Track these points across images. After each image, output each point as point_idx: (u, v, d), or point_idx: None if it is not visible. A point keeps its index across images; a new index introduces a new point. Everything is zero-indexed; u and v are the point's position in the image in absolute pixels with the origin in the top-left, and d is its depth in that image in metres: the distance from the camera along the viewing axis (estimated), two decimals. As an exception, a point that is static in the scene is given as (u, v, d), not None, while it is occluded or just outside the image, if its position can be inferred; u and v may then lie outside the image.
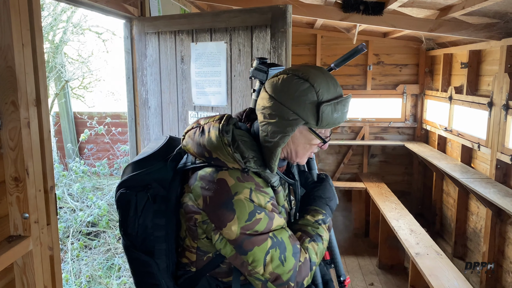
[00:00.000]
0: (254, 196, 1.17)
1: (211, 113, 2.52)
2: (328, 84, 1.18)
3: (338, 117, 1.19)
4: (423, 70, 5.51)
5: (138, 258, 1.29)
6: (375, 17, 3.68)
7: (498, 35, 3.50)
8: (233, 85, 2.40)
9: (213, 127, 1.20)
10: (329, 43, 5.61)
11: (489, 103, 3.71)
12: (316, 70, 1.21)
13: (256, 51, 2.27)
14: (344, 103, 1.20)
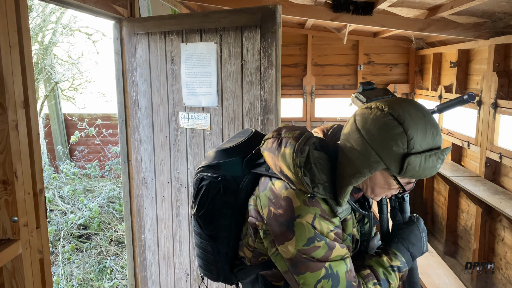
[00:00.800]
0: (317, 222, 1.13)
1: (202, 114, 2.51)
2: (426, 132, 1.03)
3: (426, 171, 1.04)
4: (413, 69, 5.55)
5: (204, 239, 1.37)
6: (365, 17, 3.70)
7: (486, 34, 3.53)
8: (223, 85, 2.40)
9: (290, 144, 1.17)
10: (320, 43, 5.62)
11: (478, 101, 3.75)
12: (416, 111, 1.05)
13: (246, 52, 2.27)
14: (440, 155, 1.05)
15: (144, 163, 2.83)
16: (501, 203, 3.14)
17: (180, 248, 2.79)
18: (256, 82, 2.27)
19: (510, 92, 3.45)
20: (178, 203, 2.74)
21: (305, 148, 1.15)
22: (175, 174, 2.71)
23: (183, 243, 2.77)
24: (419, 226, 1.30)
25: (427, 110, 1.08)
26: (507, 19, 3.18)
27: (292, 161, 1.14)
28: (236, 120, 2.39)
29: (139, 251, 3.01)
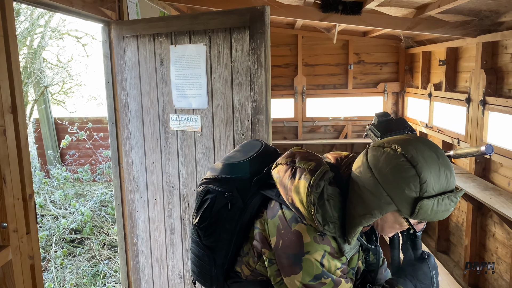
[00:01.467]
0: (325, 260, 1.13)
1: (192, 116, 2.51)
2: (439, 175, 1.01)
3: (438, 214, 1.03)
4: (403, 68, 5.59)
5: (201, 249, 1.36)
6: (354, 17, 3.72)
7: (473, 32, 3.57)
8: (213, 87, 2.40)
9: (305, 177, 1.13)
10: (310, 43, 5.64)
11: (467, 99, 3.79)
12: (430, 152, 1.03)
13: (236, 53, 2.27)
14: (452, 198, 1.03)
15: (135, 166, 2.82)
16: (491, 199, 3.17)
17: (173, 251, 2.78)
18: (246, 83, 2.27)
19: (498, 89, 3.49)
20: (170, 206, 2.73)
21: (321, 183, 1.12)
22: (166, 177, 2.71)
23: (175, 245, 2.76)
24: (429, 263, 1.29)
25: (442, 152, 1.06)
26: (493, 17, 3.22)
27: (307, 196, 1.11)
28: (226, 122, 2.39)
29: (132, 255, 3.00)
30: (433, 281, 1.27)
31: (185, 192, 2.64)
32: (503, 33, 3.24)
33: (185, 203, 2.64)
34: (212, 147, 2.47)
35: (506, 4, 2.91)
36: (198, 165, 2.55)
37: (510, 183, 3.31)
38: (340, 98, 5.77)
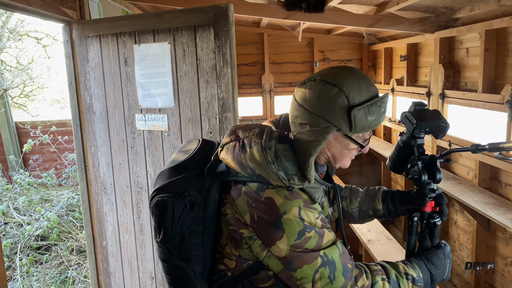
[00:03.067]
0: (303, 214, 1.14)
1: (159, 115, 2.50)
2: (360, 85, 1.11)
3: (373, 120, 1.11)
4: (366, 64, 5.73)
5: (175, 265, 1.29)
6: (317, 15, 3.79)
7: (431, 28, 3.71)
8: (179, 85, 2.39)
9: (255, 143, 1.16)
10: (276, 41, 5.70)
11: (427, 92, 3.93)
12: (345, 71, 1.14)
13: (201, 51, 2.27)
14: (380, 103, 1.11)
15: (102, 168, 2.77)
16: (452, 188, 3.32)
17: (143, 252, 2.76)
18: (212, 81, 2.27)
19: (455, 83, 3.64)
20: (139, 207, 2.70)
21: (272, 143, 1.15)
22: (134, 178, 2.68)
23: (146, 246, 2.74)
24: (445, 251, 1.32)
25: (355, 69, 1.15)
26: (449, 13, 3.36)
27: (264, 159, 1.13)
28: (194, 120, 2.39)
29: (101, 258, 2.95)
30: (446, 269, 1.31)
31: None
32: (458, 28, 3.38)
33: None
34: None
35: (460, 1, 3.05)
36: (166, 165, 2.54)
37: (469, 172, 3.47)
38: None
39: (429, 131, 1.33)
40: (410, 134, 1.35)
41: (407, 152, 1.38)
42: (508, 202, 2.93)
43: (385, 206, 1.46)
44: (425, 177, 1.33)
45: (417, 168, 1.34)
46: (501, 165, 2.91)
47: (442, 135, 1.36)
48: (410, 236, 1.40)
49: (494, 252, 3.20)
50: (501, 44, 3.03)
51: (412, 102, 1.38)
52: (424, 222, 1.38)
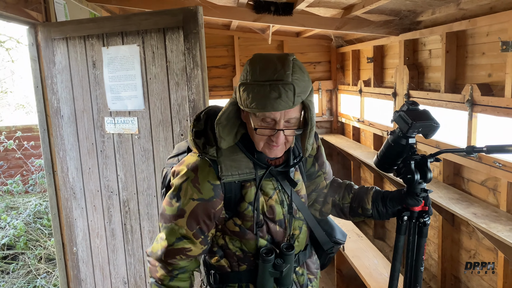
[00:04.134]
0: (184, 185, 1.26)
1: (128, 118, 2.48)
2: (259, 67, 1.14)
3: (254, 103, 1.12)
4: (335, 66, 5.85)
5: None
6: (286, 18, 3.85)
7: (395, 31, 3.83)
8: (149, 88, 2.38)
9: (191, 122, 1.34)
10: (247, 44, 5.73)
11: (393, 93, 4.06)
12: (261, 55, 1.20)
13: (171, 53, 2.28)
14: (259, 90, 1.12)
15: (71, 172, 2.72)
16: (418, 184, 3.43)
17: (115, 257, 2.72)
18: (183, 83, 2.28)
19: (419, 83, 3.77)
20: (110, 212, 2.67)
21: (201, 115, 1.30)
22: (104, 182, 2.64)
23: (118, 251, 2.71)
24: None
25: (283, 54, 1.20)
26: (412, 16, 3.48)
27: (190, 131, 1.30)
28: (165, 122, 2.39)
29: (71, 265, 2.89)
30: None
31: (125, 197, 2.60)
32: (421, 31, 3.51)
33: (125, 208, 2.60)
34: (151, 149, 2.45)
35: (422, 5, 3.17)
36: (137, 168, 2.52)
37: (434, 169, 3.60)
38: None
39: (421, 130, 1.35)
40: (403, 133, 1.34)
41: (397, 151, 1.39)
42: (470, 197, 3.06)
43: (374, 207, 1.45)
44: (417, 176, 1.34)
45: (410, 167, 1.35)
46: (463, 162, 3.04)
47: (431, 135, 1.37)
48: (398, 235, 1.42)
49: (459, 246, 3.33)
50: (461, 46, 3.17)
51: (405, 102, 1.39)
52: (413, 221, 1.40)
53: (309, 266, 1.53)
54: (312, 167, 1.51)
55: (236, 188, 1.30)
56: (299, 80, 1.13)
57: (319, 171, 1.53)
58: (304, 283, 1.49)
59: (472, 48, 3.04)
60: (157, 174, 2.45)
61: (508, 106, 2.54)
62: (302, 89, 1.14)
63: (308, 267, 1.53)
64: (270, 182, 1.34)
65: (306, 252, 1.50)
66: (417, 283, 1.45)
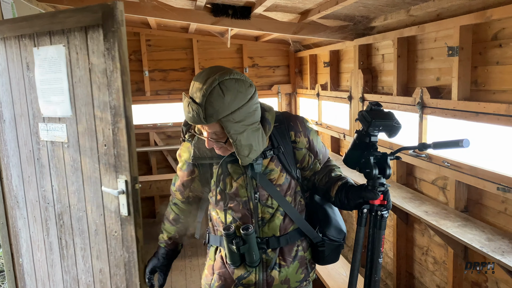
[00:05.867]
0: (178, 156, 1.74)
1: (58, 125, 2.24)
2: (194, 82, 1.37)
3: (185, 113, 1.39)
4: (293, 70, 5.93)
5: None
6: (244, 21, 3.86)
7: (350, 36, 3.93)
8: (75, 92, 2.12)
9: None
10: (206, 47, 5.71)
11: (349, 96, 4.16)
12: (206, 71, 1.39)
13: (93, 54, 2.01)
14: (185, 103, 1.37)
15: (14, 180, 2.55)
16: (373, 185, 3.52)
17: (54, 273, 2.51)
18: (104, 87, 1.99)
19: (373, 87, 3.89)
20: (48, 224, 2.44)
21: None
22: (42, 192, 2.43)
23: (55, 267, 2.49)
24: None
25: (220, 67, 1.40)
26: (365, 22, 3.59)
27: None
28: (89, 131, 2.11)
29: (19, 276, 2.74)
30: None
31: (59, 209, 2.35)
32: (374, 36, 3.62)
33: (60, 221, 2.37)
34: (79, 160, 2.18)
35: (374, 11, 3.27)
36: (68, 180, 2.26)
37: (388, 170, 3.70)
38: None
39: (382, 129, 1.46)
40: (365, 131, 1.47)
41: (361, 148, 1.51)
42: (422, 196, 3.18)
43: (337, 197, 1.59)
44: (375, 171, 1.46)
45: (369, 163, 1.47)
46: (415, 162, 3.15)
47: (394, 135, 1.49)
48: (359, 227, 1.55)
49: (412, 243, 3.45)
50: (411, 50, 3.29)
51: (369, 102, 1.51)
52: (373, 214, 1.51)
53: (284, 253, 1.64)
54: (308, 158, 1.65)
55: (208, 167, 1.61)
56: (214, 102, 1.31)
57: (315, 160, 1.68)
58: (270, 265, 1.62)
59: (421, 53, 3.17)
60: (86, 187, 2.16)
61: (455, 108, 2.66)
62: (216, 111, 1.32)
63: (282, 253, 1.64)
64: (238, 167, 1.55)
65: (281, 239, 1.62)
66: (375, 274, 1.55)
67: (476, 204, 2.71)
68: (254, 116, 1.41)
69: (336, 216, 1.75)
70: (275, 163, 1.57)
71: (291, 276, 1.65)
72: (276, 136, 1.57)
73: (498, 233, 2.40)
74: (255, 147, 1.42)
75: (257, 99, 1.44)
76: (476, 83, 2.61)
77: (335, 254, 1.73)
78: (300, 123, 1.62)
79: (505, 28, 2.37)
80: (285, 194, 1.60)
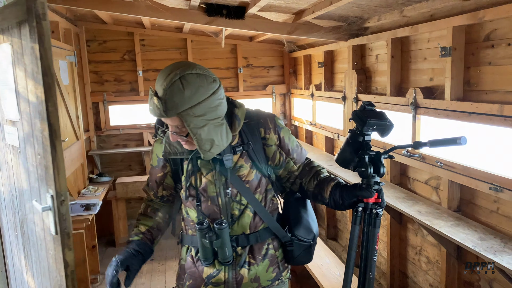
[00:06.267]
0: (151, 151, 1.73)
1: (13, 128, 2.07)
2: (159, 77, 1.40)
3: (148, 108, 1.43)
4: (287, 71, 5.94)
5: None
6: (238, 21, 3.86)
7: (344, 36, 3.95)
8: (19, 94, 1.94)
9: None
10: (200, 47, 5.70)
11: (343, 97, 4.17)
12: (171, 66, 1.42)
13: (25, 53, 1.81)
14: (149, 97, 1.40)
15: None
16: (367, 185, 3.53)
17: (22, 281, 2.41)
18: (33, 88, 1.76)
19: (367, 87, 3.91)
20: (16, 230, 2.32)
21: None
22: (11, 197, 2.31)
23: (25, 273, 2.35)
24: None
25: (180, 62, 1.43)
26: (359, 22, 3.60)
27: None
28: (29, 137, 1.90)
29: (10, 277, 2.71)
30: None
31: (20, 217, 2.19)
32: (368, 37, 3.64)
33: (22, 229, 2.21)
34: (27, 167, 2.02)
35: (368, 11, 3.29)
36: (23, 188, 2.10)
37: (382, 170, 3.72)
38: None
39: (376, 128, 1.48)
40: (360, 130, 1.49)
41: (354, 147, 1.52)
42: (415, 195, 3.20)
43: (331, 197, 1.58)
44: (371, 170, 1.48)
45: (364, 161, 1.48)
46: (408, 162, 3.17)
47: (386, 134, 1.51)
48: (354, 225, 1.55)
49: (406, 243, 3.47)
50: (405, 51, 3.31)
51: (363, 102, 1.53)
52: (367, 212, 1.52)
53: (254, 251, 1.64)
54: (279, 156, 1.64)
55: (179, 163, 1.63)
56: (173, 96, 1.34)
57: (287, 158, 1.66)
58: (239, 263, 1.61)
59: (415, 54, 3.19)
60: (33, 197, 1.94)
61: (448, 109, 2.68)
62: (175, 105, 1.34)
63: (252, 251, 1.64)
64: (208, 163, 1.56)
65: (251, 237, 1.62)
66: (370, 272, 1.57)
67: (469, 203, 2.73)
68: (217, 111, 1.41)
69: (308, 217, 1.74)
70: (245, 159, 1.58)
71: (261, 274, 1.65)
72: (246, 132, 1.58)
73: (490, 233, 2.42)
74: (217, 142, 1.43)
75: (221, 94, 1.43)
76: (468, 84, 2.64)
77: (307, 255, 1.72)
78: (270, 120, 1.62)
79: (497, 29, 2.40)
80: (254, 191, 1.60)
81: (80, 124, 4.69)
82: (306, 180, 1.68)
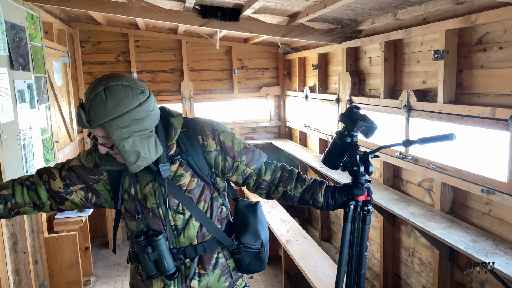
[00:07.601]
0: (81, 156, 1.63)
1: None
2: (88, 91, 1.38)
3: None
4: (282, 73, 5.96)
5: None
6: (233, 23, 3.86)
7: (338, 39, 3.96)
8: None
9: None
10: (194, 48, 5.70)
11: (337, 99, 4.19)
12: (101, 77, 1.40)
13: None
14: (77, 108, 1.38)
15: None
16: (361, 187, 3.55)
17: None
18: None
19: (361, 89, 3.93)
20: None
21: None
22: None
23: None
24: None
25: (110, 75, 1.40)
26: (353, 25, 3.62)
27: None
28: None
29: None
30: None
31: None
32: (362, 39, 3.66)
33: None
34: None
35: (362, 14, 3.30)
36: None
37: (375, 172, 3.74)
38: (227, 102, 5.93)
39: (363, 130, 1.55)
40: (349, 131, 1.55)
41: (342, 148, 1.59)
42: (408, 197, 3.21)
43: (325, 199, 1.62)
44: (362, 168, 1.54)
45: (355, 161, 1.55)
46: (402, 164, 3.19)
47: (371, 135, 1.58)
48: (345, 223, 1.60)
49: (399, 245, 3.48)
50: (398, 54, 3.33)
51: (350, 105, 1.62)
52: (358, 210, 1.60)
53: (203, 261, 1.61)
54: (224, 161, 1.60)
55: (116, 175, 1.57)
56: (96, 107, 1.33)
57: (235, 162, 1.61)
58: (189, 275, 1.59)
59: (408, 56, 3.21)
60: None
61: (440, 111, 2.70)
62: (98, 115, 1.33)
63: (202, 262, 1.61)
64: (147, 174, 1.53)
65: (198, 247, 1.59)
66: (361, 267, 1.63)
67: (461, 205, 2.75)
68: (143, 123, 1.38)
69: (257, 223, 1.71)
70: (185, 168, 1.55)
71: (213, 285, 1.63)
72: (184, 141, 1.55)
73: (483, 235, 2.44)
74: (144, 154, 1.40)
75: (149, 106, 1.39)
76: (461, 86, 2.66)
77: (258, 262, 1.69)
78: (207, 126, 1.58)
79: (489, 32, 2.42)
80: (198, 200, 1.57)
81: (74, 125, 4.67)
82: (291, 186, 1.66)
